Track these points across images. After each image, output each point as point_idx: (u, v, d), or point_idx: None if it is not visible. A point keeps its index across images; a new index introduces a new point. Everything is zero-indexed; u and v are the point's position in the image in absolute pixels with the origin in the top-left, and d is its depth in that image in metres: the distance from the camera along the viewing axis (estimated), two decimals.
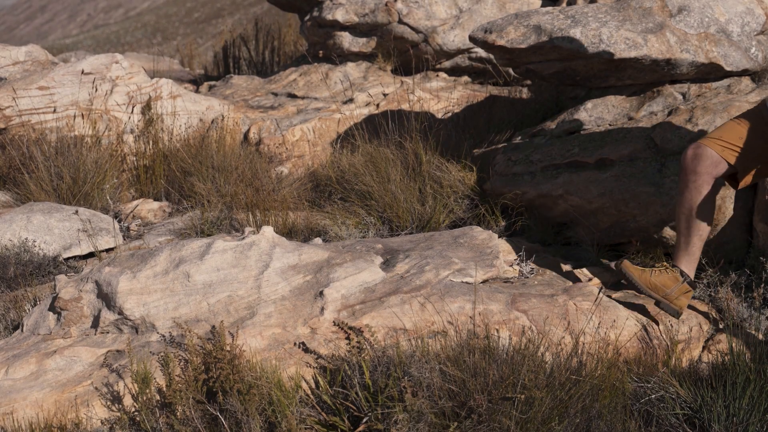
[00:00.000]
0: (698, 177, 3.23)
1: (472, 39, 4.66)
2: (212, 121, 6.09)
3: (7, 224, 4.30)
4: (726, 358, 2.86)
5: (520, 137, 4.70)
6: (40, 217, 4.37)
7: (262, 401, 2.64)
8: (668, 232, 3.84)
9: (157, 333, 3.01)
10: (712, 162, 3.21)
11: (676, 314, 3.25)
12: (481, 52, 6.56)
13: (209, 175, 5.10)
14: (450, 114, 5.90)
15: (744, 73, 4.34)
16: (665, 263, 3.33)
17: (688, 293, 3.27)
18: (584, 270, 3.66)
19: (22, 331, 3.25)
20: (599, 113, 4.41)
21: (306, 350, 2.88)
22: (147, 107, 5.67)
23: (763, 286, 3.31)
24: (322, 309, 3.01)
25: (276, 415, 2.61)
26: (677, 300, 3.25)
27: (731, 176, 3.28)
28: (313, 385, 2.78)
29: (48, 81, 5.69)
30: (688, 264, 3.31)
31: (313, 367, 2.83)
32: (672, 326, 3.28)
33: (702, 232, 3.28)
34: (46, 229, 4.32)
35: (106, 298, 3.15)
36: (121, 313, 3.08)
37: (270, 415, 2.62)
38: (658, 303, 3.25)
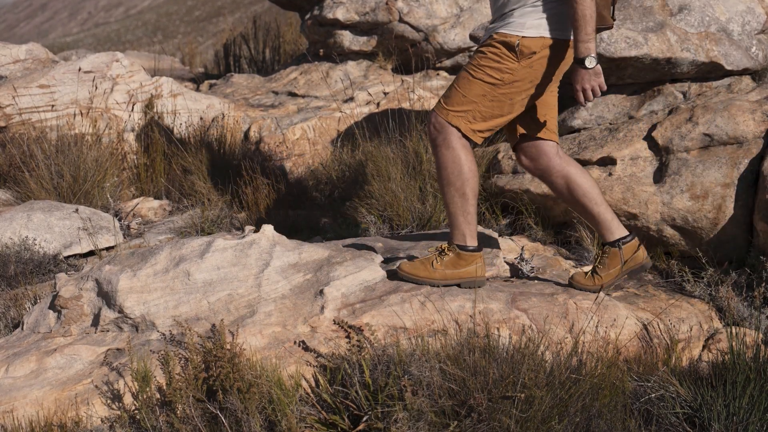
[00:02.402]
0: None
1: (472, 38, 4.66)
2: (213, 120, 6.09)
3: (7, 222, 4.30)
4: (726, 357, 2.86)
5: None
6: (41, 216, 4.37)
7: (262, 400, 2.64)
8: (669, 231, 3.84)
9: (158, 331, 3.01)
10: (536, 149, 3.23)
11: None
12: None
13: (209, 174, 5.11)
14: None
15: (744, 72, 4.34)
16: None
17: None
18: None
19: (22, 329, 3.26)
20: (600, 112, 4.41)
21: (306, 349, 2.88)
22: (148, 106, 5.67)
23: (763, 285, 3.31)
24: (323, 307, 3.01)
25: (276, 413, 2.61)
26: (634, 259, 3.26)
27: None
28: (313, 384, 2.78)
29: (48, 79, 5.69)
30: (613, 231, 3.26)
31: (313, 366, 2.83)
32: (672, 325, 3.28)
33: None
34: (47, 227, 4.32)
35: (107, 296, 3.15)
36: (121, 311, 3.08)
37: (270, 413, 2.62)
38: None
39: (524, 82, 3.08)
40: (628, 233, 3.27)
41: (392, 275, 3.21)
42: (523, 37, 3.01)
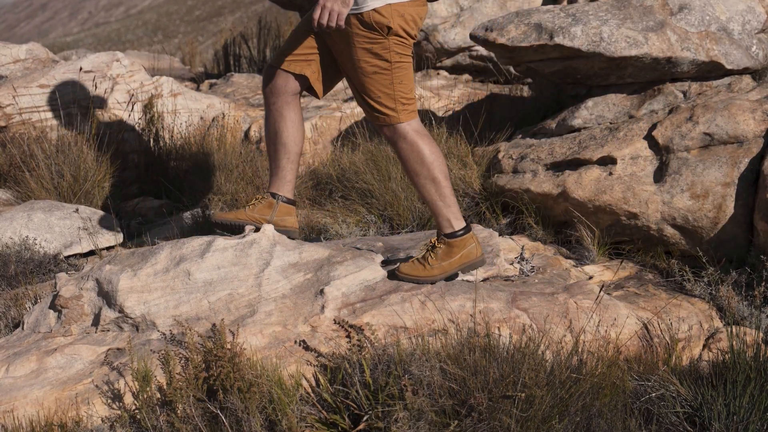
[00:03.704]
0: (277, 99, 3.21)
1: (473, 37, 4.66)
2: (213, 120, 6.09)
3: (7, 222, 4.30)
4: (726, 356, 2.86)
5: (521, 135, 4.70)
6: (41, 215, 4.37)
7: (262, 399, 2.64)
8: (669, 230, 3.84)
9: (158, 331, 3.01)
10: (283, 80, 3.21)
11: (290, 233, 3.31)
12: (481, 51, 6.57)
13: (210, 173, 5.10)
14: (451, 112, 5.89)
15: (745, 71, 4.34)
16: (257, 195, 3.38)
17: (291, 212, 3.33)
18: (584, 268, 3.67)
19: (22, 329, 3.26)
20: (600, 111, 4.40)
21: (306, 348, 2.89)
22: (148, 105, 5.67)
23: (763, 284, 3.31)
24: (323, 307, 3.01)
25: (276, 413, 2.61)
26: (283, 221, 3.32)
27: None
28: (314, 384, 2.78)
29: (49, 79, 5.69)
30: (282, 186, 3.33)
31: (314, 366, 2.83)
32: (673, 325, 3.28)
33: (289, 154, 3.27)
34: (47, 227, 4.32)
35: (107, 296, 3.15)
36: (121, 311, 3.08)
37: (270, 413, 2.62)
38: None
39: (399, 49, 3.08)
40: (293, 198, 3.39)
41: (392, 276, 3.21)
42: (373, 11, 2.97)
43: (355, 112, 6.09)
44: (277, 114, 3.29)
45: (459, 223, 3.15)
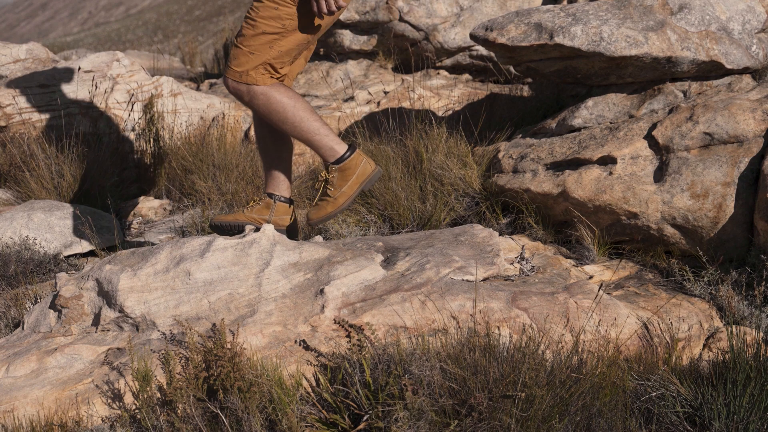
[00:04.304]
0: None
1: (473, 37, 4.66)
2: (213, 119, 6.09)
3: (8, 222, 4.30)
4: (726, 356, 2.86)
5: (521, 135, 4.70)
6: (41, 215, 4.37)
7: (262, 399, 2.64)
8: (669, 230, 3.84)
9: (158, 331, 3.01)
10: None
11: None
12: (482, 50, 6.56)
13: (210, 173, 5.11)
14: (451, 112, 5.89)
15: (745, 71, 4.34)
16: (255, 196, 3.42)
17: (289, 211, 3.37)
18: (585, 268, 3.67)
19: (22, 328, 3.26)
20: (600, 111, 4.40)
21: (306, 348, 2.89)
22: (148, 105, 5.67)
23: (763, 284, 3.31)
24: (323, 307, 3.01)
25: (276, 412, 2.61)
26: (282, 221, 3.35)
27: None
28: (314, 383, 2.78)
29: (48, 79, 5.69)
30: (277, 186, 3.36)
31: (314, 365, 2.84)
32: (673, 324, 3.28)
33: (281, 153, 3.31)
34: (47, 227, 4.32)
35: (107, 296, 3.15)
36: (121, 311, 3.08)
37: (270, 412, 2.62)
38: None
39: (305, 22, 3.07)
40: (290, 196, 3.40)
41: (308, 226, 3.25)
42: None
43: (355, 111, 6.09)
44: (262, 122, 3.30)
45: (342, 147, 3.18)
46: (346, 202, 3.18)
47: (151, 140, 5.56)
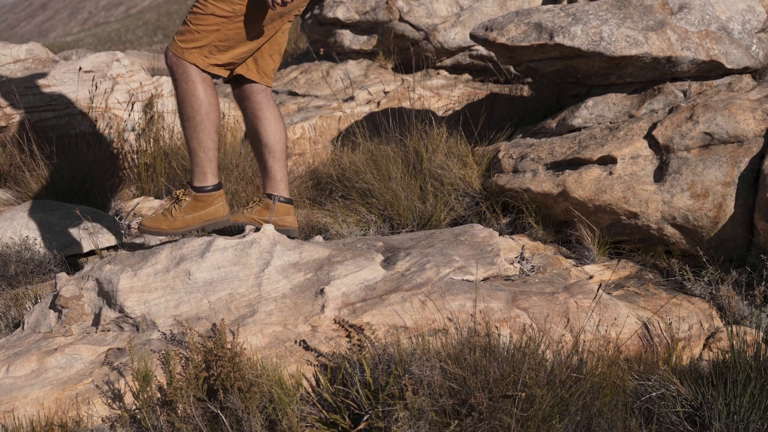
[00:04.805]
0: (247, 102, 3.26)
1: (473, 37, 4.66)
2: None
3: (8, 222, 4.30)
4: (727, 355, 2.86)
5: (521, 135, 4.70)
6: (41, 215, 4.37)
7: (262, 399, 2.64)
8: (669, 230, 3.84)
9: (158, 331, 3.01)
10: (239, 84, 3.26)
11: (290, 232, 3.36)
12: (481, 50, 6.56)
13: None
14: (451, 112, 5.90)
15: (745, 70, 4.34)
16: (255, 197, 3.41)
17: (289, 210, 3.36)
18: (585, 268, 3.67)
19: (23, 329, 3.26)
20: (600, 111, 4.40)
21: (307, 348, 2.89)
22: (148, 105, 5.67)
23: (763, 283, 3.31)
24: (323, 307, 3.01)
25: (277, 412, 2.61)
26: (282, 221, 3.35)
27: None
28: (314, 383, 2.78)
29: (49, 79, 5.69)
30: (275, 186, 3.36)
31: (314, 365, 2.84)
32: (673, 324, 3.28)
33: (273, 152, 3.28)
34: (47, 227, 4.32)
35: (107, 296, 3.15)
36: (121, 311, 3.08)
37: (271, 412, 2.62)
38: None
39: (257, 11, 3.04)
40: (289, 197, 3.40)
41: (137, 230, 3.24)
42: None
43: (355, 111, 6.09)
44: (252, 116, 3.30)
45: (213, 180, 3.17)
46: (181, 230, 3.16)
47: (151, 140, 5.56)
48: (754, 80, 4.32)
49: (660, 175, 3.92)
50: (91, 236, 4.30)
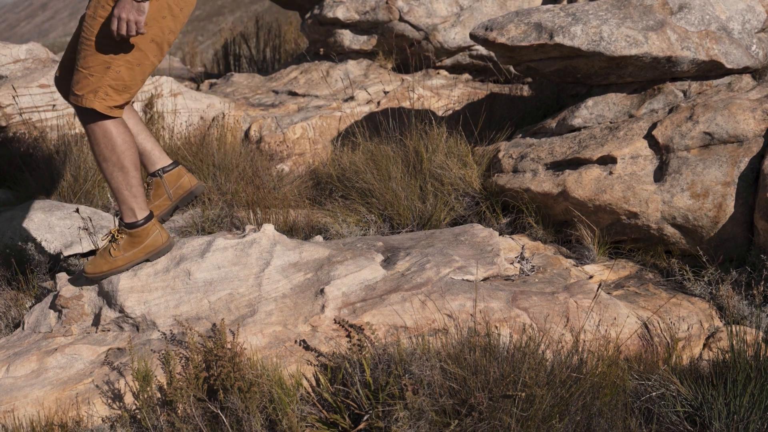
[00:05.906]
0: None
1: (473, 37, 4.66)
2: (213, 119, 6.09)
3: (8, 222, 4.30)
4: (727, 355, 2.86)
5: (521, 135, 4.70)
6: (41, 215, 4.37)
7: (263, 399, 2.64)
8: (669, 229, 3.84)
9: (158, 331, 3.01)
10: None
11: (195, 190, 3.33)
12: (481, 50, 6.56)
13: (210, 173, 5.10)
14: (451, 112, 5.90)
15: (745, 70, 4.34)
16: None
17: (180, 172, 3.30)
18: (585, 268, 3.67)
19: (23, 329, 3.26)
20: (600, 111, 4.40)
21: (307, 348, 2.89)
22: (148, 105, 5.67)
23: (763, 283, 3.31)
24: (323, 307, 3.01)
25: (277, 412, 2.61)
26: (180, 188, 3.30)
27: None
28: (314, 383, 2.78)
29: (49, 79, 5.68)
30: (153, 163, 3.27)
31: (314, 365, 2.84)
32: (673, 324, 3.28)
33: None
34: (47, 227, 4.32)
35: (107, 296, 3.15)
36: (121, 311, 3.08)
37: (271, 412, 2.62)
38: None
39: (146, 41, 2.90)
40: (170, 162, 3.29)
41: (78, 281, 3.19)
42: None
43: (355, 111, 6.09)
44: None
45: (142, 213, 3.12)
46: (124, 267, 3.12)
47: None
48: (754, 80, 4.32)
49: (660, 174, 3.92)
50: (91, 236, 4.30)
